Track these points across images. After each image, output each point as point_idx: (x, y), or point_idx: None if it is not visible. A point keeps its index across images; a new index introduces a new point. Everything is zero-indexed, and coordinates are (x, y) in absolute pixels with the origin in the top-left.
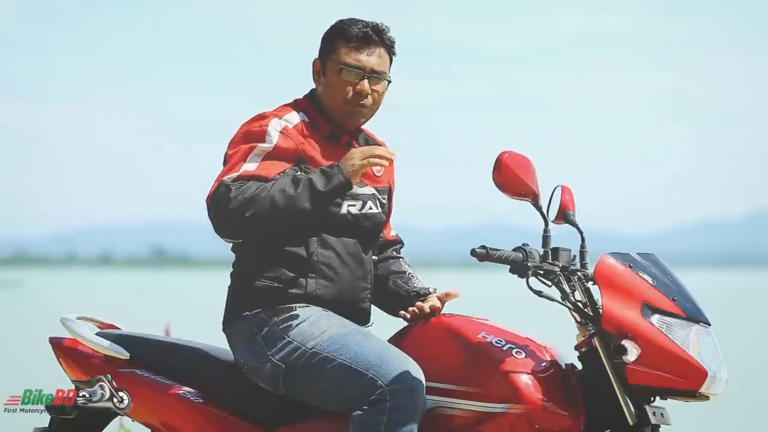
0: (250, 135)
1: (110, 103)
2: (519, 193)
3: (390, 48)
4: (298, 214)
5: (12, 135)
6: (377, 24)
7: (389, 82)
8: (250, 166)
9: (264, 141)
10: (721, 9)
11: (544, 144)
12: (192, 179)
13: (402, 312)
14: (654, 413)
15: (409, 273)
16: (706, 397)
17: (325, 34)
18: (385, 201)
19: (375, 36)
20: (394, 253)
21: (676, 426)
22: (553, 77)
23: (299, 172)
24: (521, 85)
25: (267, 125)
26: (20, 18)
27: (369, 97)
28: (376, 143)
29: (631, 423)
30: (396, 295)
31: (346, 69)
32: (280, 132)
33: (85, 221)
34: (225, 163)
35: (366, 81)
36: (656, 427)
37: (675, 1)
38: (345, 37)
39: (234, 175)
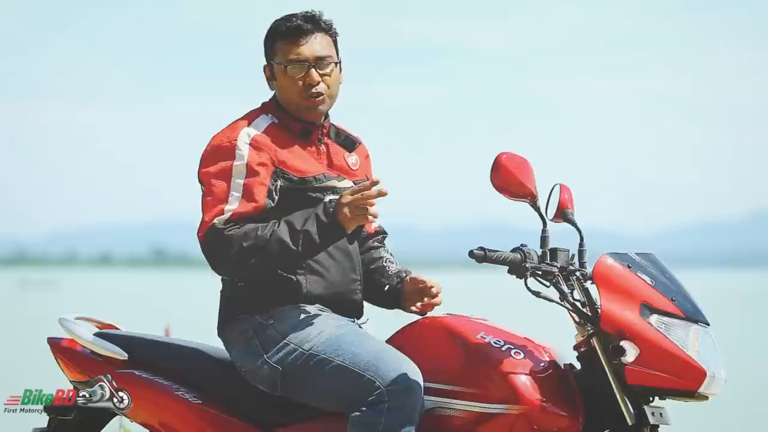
0: (221, 151)
1: (110, 103)
2: (517, 195)
3: (328, 30)
4: (295, 262)
5: (12, 135)
6: (307, 12)
7: (337, 63)
8: (235, 205)
9: (235, 158)
10: (721, 9)
11: (543, 144)
12: (192, 179)
13: (413, 308)
14: (653, 413)
15: (384, 259)
16: (705, 397)
17: (264, 39)
18: None
19: (308, 24)
20: (375, 243)
21: (675, 426)
22: (553, 77)
23: (295, 219)
24: (520, 84)
25: (236, 139)
26: (21, 18)
27: (321, 84)
28: (348, 136)
29: (629, 423)
30: (380, 290)
31: (290, 65)
32: (250, 144)
33: (85, 221)
34: (204, 189)
35: (312, 70)
36: (655, 427)
37: (675, 1)
38: (280, 36)
39: (224, 217)
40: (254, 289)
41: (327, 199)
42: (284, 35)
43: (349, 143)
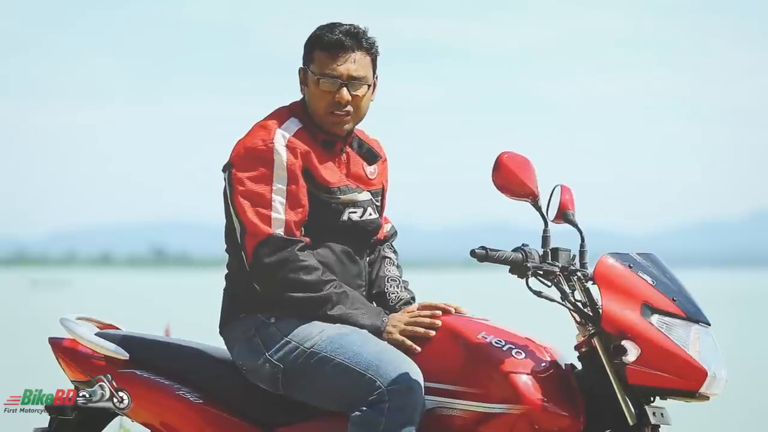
0: (256, 155)
1: (110, 102)
2: (519, 194)
3: (369, 49)
4: (318, 318)
5: (12, 135)
6: (352, 28)
7: (370, 85)
8: (282, 213)
9: (274, 162)
10: (721, 9)
11: (543, 144)
12: (192, 179)
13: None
14: (654, 413)
15: (387, 278)
16: (706, 397)
17: (305, 42)
18: (378, 203)
19: (350, 41)
20: (385, 251)
21: (676, 426)
22: (553, 77)
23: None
24: (520, 84)
25: (272, 141)
26: (21, 18)
27: (349, 104)
28: (370, 150)
29: (630, 423)
30: (383, 301)
31: (324, 78)
32: (287, 146)
33: (85, 221)
34: (240, 194)
35: (344, 89)
36: (656, 427)
37: (675, 2)
38: (321, 46)
39: (281, 228)
40: (257, 287)
41: (347, 214)
42: (324, 46)
43: (371, 157)
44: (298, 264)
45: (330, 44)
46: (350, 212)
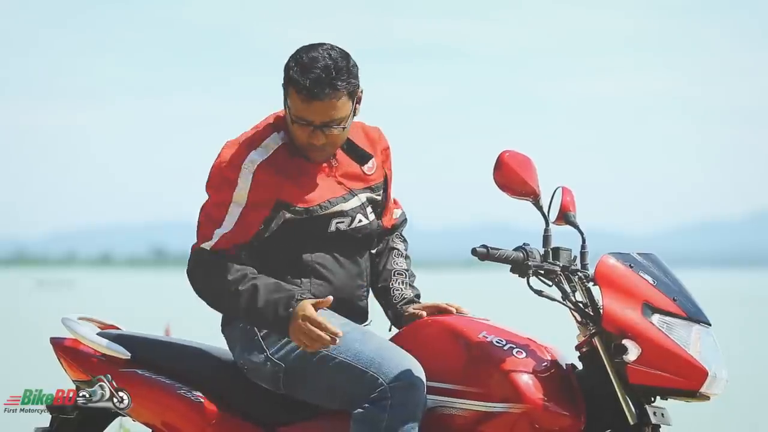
0: (223, 174)
1: (110, 102)
2: (520, 193)
3: (345, 88)
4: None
5: (12, 135)
6: (325, 71)
7: (346, 127)
8: (226, 230)
9: (237, 185)
10: (721, 9)
11: (543, 144)
12: (192, 179)
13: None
14: (654, 413)
15: (393, 278)
16: (706, 397)
17: (285, 65)
18: (379, 197)
19: (321, 92)
20: (394, 241)
21: (676, 426)
22: (553, 77)
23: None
24: (520, 84)
25: (240, 165)
26: (20, 18)
27: (325, 143)
28: (361, 151)
29: (631, 423)
30: (385, 293)
31: (297, 121)
32: (253, 174)
33: (85, 221)
34: (203, 206)
35: (318, 132)
36: (656, 427)
37: (675, 1)
38: (294, 86)
39: (211, 242)
40: None
41: (333, 224)
42: (297, 89)
43: (361, 158)
44: (212, 269)
45: (304, 89)
46: (337, 222)
